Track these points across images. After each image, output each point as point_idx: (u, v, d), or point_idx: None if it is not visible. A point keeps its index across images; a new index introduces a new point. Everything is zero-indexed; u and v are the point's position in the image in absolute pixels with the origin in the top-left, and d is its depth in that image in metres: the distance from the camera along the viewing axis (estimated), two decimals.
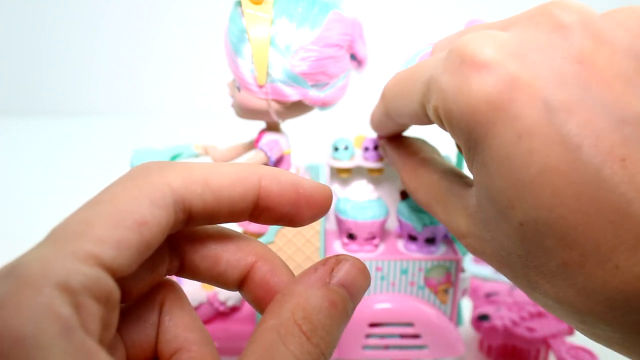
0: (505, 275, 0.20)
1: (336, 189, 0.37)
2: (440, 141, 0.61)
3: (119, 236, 0.12)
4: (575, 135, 0.15)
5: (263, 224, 0.17)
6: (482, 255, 0.20)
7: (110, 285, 0.12)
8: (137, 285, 0.16)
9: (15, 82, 1.16)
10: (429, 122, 0.23)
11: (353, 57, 0.34)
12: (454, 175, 0.24)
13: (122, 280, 0.14)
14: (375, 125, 0.31)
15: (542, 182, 0.15)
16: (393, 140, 0.31)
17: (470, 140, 0.18)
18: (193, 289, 0.37)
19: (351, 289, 0.15)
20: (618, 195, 0.14)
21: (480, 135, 0.17)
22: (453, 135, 0.20)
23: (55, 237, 0.12)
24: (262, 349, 0.14)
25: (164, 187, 0.14)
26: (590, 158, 0.15)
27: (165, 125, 1.04)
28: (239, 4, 0.31)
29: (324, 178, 0.38)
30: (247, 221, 0.17)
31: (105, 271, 0.12)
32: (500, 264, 0.19)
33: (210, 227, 0.17)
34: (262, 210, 0.16)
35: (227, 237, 0.17)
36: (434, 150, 0.29)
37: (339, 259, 0.16)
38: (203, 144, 0.38)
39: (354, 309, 0.16)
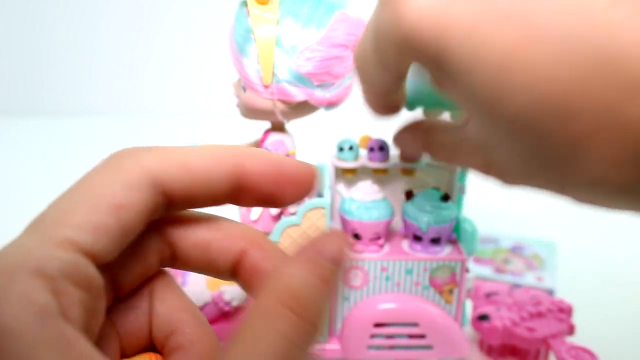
0: (540, 187, 0.19)
1: (341, 189, 0.37)
2: None
3: (96, 221, 0.12)
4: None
5: (245, 205, 0.16)
6: (510, 177, 0.20)
7: (91, 271, 0.12)
8: (129, 275, 0.16)
9: (15, 82, 1.16)
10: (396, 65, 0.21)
11: None
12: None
13: (109, 269, 0.14)
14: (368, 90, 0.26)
15: (517, 64, 0.14)
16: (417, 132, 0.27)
17: (429, 62, 0.18)
18: (198, 289, 0.37)
19: (338, 262, 0.15)
20: (610, 41, 0.13)
21: (439, 52, 0.17)
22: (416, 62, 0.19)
23: (34, 226, 0.12)
24: (250, 331, 0.13)
25: (139, 169, 0.14)
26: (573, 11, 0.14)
27: (168, 126, 1.04)
28: (245, 4, 0.31)
29: (329, 178, 0.38)
30: (251, 220, 0.17)
31: (85, 256, 0.12)
32: (527, 176, 0.19)
33: (200, 214, 0.17)
34: (243, 191, 0.16)
35: (217, 223, 0.17)
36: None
37: (324, 234, 0.15)
38: (208, 144, 0.38)
39: (339, 279, 0.15)
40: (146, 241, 0.16)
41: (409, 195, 0.35)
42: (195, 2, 1.08)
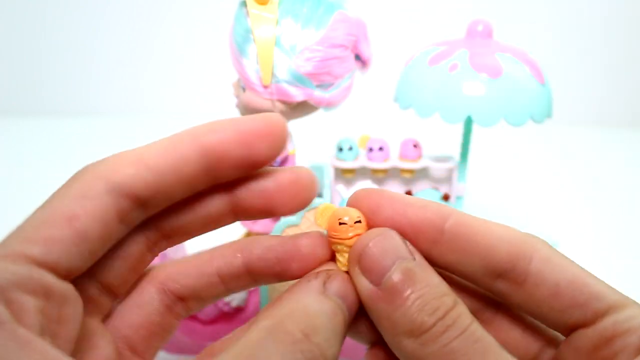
0: None
1: (340, 189, 0.37)
2: (442, 141, 0.61)
3: (46, 233, 0.13)
4: None
5: (230, 178, 0.16)
6: None
7: (50, 280, 0.13)
8: (117, 278, 0.16)
9: (15, 82, 1.16)
10: None
11: (358, 57, 0.34)
12: None
13: (91, 277, 0.14)
14: None
15: None
16: None
17: None
18: None
19: (347, 301, 0.15)
20: None
21: None
22: None
23: None
24: (247, 347, 0.13)
25: (93, 179, 0.14)
26: None
27: (168, 126, 1.03)
28: (244, 4, 0.31)
29: (328, 178, 0.38)
30: (251, 221, 0.17)
31: (39, 267, 0.13)
32: None
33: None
34: (215, 165, 0.15)
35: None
36: None
37: (330, 273, 0.16)
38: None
39: (349, 323, 0.15)
40: (128, 243, 0.16)
41: (409, 195, 0.35)
42: (195, 2, 1.08)
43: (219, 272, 0.17)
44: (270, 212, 0.17)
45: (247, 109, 0.33)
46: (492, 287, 0.16)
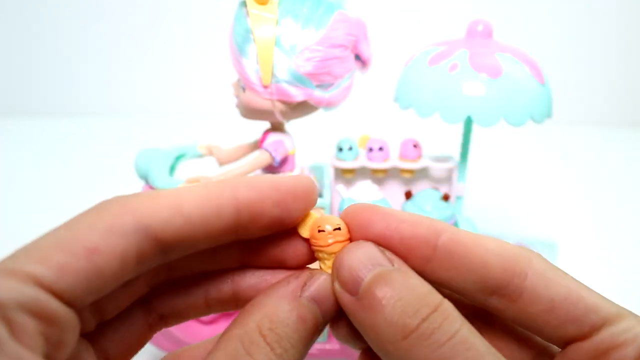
0: None
1: (340, 189, 0.37)
2: (442, 141, 0.61)
3: (62, 260, 0.12)
4: None
5: (255, 236, 0.16)
6: None
7: (54, 306, 0.12)
8: (113, 307, 0.16)
9: (15, 82, 1.16)
10: None
11: (357, 57, 0.34)
12: None
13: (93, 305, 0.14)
14: None
15: None
16: None
17: None
18: None
19: (322, 305, 0.15)
20: None
21: None
22: None
23: (4, 260, 0.13)
24: (225, 357, 0.14)
25: (124, 215, 0.13)
26: None
27: (168, 126, 1.04)
28: (244, 4, 0.31)
29: (328, 178, 0.38)
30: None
31: (47, 292, 0.12)
32: None
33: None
34: (248, 223, 0.15)
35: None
36: None
37: (312, 273, 0.16)
38: (207, 144, 0.38)
39: (324, 324, 0.15)
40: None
41: (409, 195, 0.35)
42: (195, 2, 1.08)
43: (207, 296, 0.17)
44: (279, 222, 0.16)
45: (247, 109, 0.33)
46: (486, 302, 0.16)
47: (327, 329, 0.36)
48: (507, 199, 0.68)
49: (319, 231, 0.16)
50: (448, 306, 0.14)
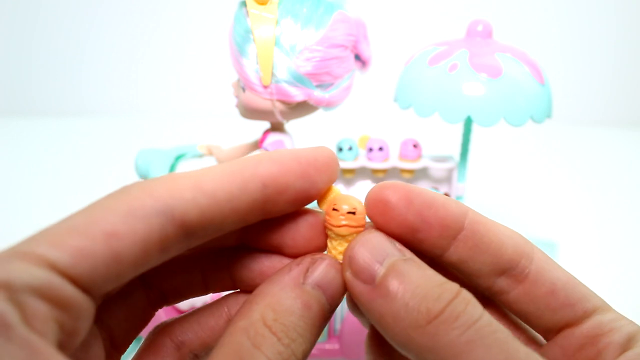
0: None
1: (340, 189, 0.37)
2: (442, 141, 0.61)
3: (79, 244, 0.12)
4: None
5: (283, 212, 0.15)
6: None
7: (69, 291, 0.12)
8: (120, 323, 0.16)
9: (15, 82, 1.16)
10: None
11: (357, 57, 0.34)
12: None
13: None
14: None
15: None
16: None
17: None
18: None
19: (328, 290, 0.15)
20: None
21: None
22: None
23: (19, 243, 0.12)
24: (231, 351, 0.13)
25: (145, 198, 0.13)
26: None
27: (168, 126, 1.04)
28: (244, 4, 0.31)
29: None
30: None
31: (62, 277, 0.12)
32: None
33: None
34: (275, 197, 0.15)
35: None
36: None
37: (314, 259, 0.15)
38: (207, 144, 0.38)
39: (331, 310, 0.15)
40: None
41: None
42: (195, 2, 1.08)
43: (204, 274, 0.17)
44: (305, 195, 0.16)
45: (247, 109, 0.33)
46: (494, 284, 0.16)
47: (327, 329, 0.36)
48: (507, 199, 0.68)
49: (333, 209, 0.16)
50: (467, 293, 0.14)
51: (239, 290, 0.18)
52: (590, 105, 1.09)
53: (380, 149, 0.36)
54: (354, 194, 0.34)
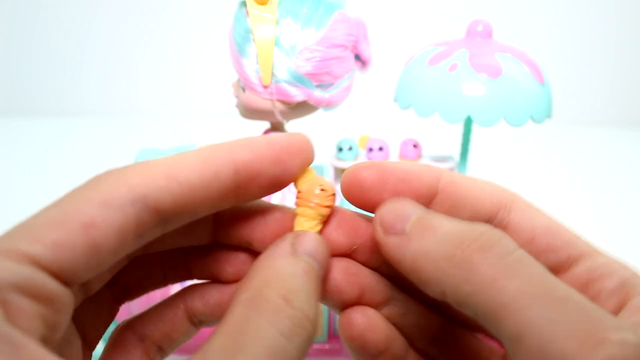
0: None
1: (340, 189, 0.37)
2: (442, 141, 0.61)
3: (58, 237, 0.12)
4: None
5: (257, 197, 0.16)
6: None
7: (51, 285, 0.12)
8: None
9: (15, 82, 1.16)
10: None
11: (357, 57, 0.34)
12: None
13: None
14: None
15: None
16: None
17: None
18: None
19: (317, 258, 0.15)
20: None
21: None
22: None
23: None
24: (232, 323, 0.13)
25: (119, 187, 0.13)
26: None
27: (168, 126, 1.04)
28: (244, 4, 0.31)
29: (329, 178, 0.38)
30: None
31: (44, 271, 0.12)
32: None
33: None
34: (247, 183, 0.15)
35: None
36: None
37: (297, 234, 0.16)
38: (207, 144, 0.38)
39: (323, 279, 0.16)
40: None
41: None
42: (195, 2, 1.08)
43: (163, 267, 0.18)
44: (278, 180, 0.16)
45: (247, 109, 0.33)
46: None
47: (327, 329, 0.36)
48: None
49: (308, 190, 0.16)
50: (500, 231, 0.14)
51: (195, 282, 0.18)
52: (590, 105, 1.09)
53: (380, 149, 0.36)
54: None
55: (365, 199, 0.16)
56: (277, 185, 0.16)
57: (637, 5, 1.02)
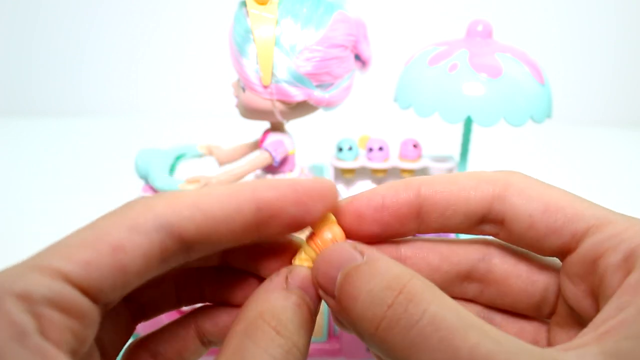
0: None
1: (340, 189, 0.37)
2: (442, 141, 0.61)
3: (88, 257, 0.13)
4: None
5: (278, 235, 0.16)
6: None
7: (81, 301, 0.13)
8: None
9: (15, 82, 1.16)
10: None
11: (357, 57, 0.34)
12: None
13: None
14: None
15: None
16: None
17: None
18: None
19: (309, 292, 0.16)
20: None
21: None
22: None
23: (31, 257, 0.13)
24: (231, 352, 0.14)
25: (147, 214, 0.14)
26: None
27: (168, 126, 1.04)
28: (244, 4, 0.31)
29: (328, 178, 0.38)
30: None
31: (75, 288, 0.13)
32: None
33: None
34: (269, 220, 0.16)
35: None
36: None
37: (291, 269, 0.17)
38: (207, 144, 0.38)
39: (316, 312, 0.16)
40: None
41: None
42: (195, 2, 1.08)
43: (177, 290, 0.19)
44: (298, 221, 0.17)
45: (247, 109, 0.33)
46: (484, 232, 0.17)
47: (327, 329, 0.36)
48: None
49: (323, 235, 0.17)
50: (415, 284, 0.14)
51: (207, 304, 0.19)
52: (590, 105, 1.09)
53: (380, 149, 0.36)
54: (353, 194, 0.34)
55: (364, 230, 0.17)
56: (298, 225, 0.16)
57: (637, 5, 1.02)
